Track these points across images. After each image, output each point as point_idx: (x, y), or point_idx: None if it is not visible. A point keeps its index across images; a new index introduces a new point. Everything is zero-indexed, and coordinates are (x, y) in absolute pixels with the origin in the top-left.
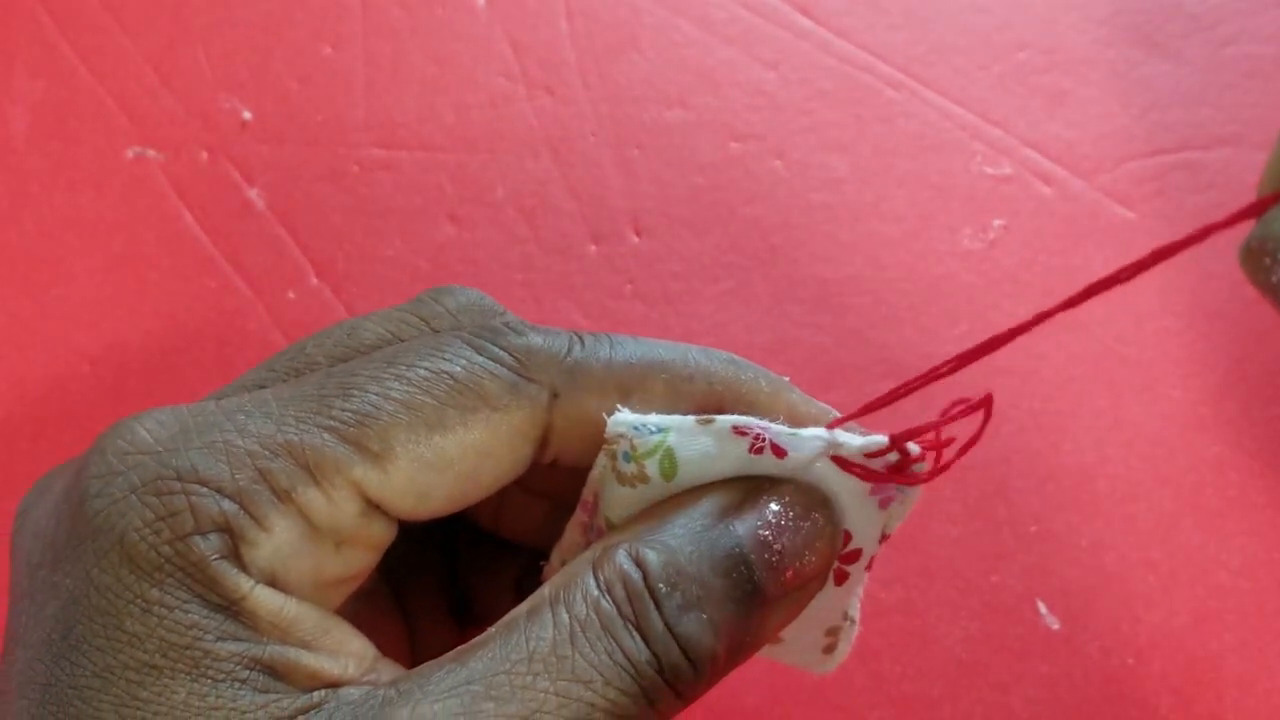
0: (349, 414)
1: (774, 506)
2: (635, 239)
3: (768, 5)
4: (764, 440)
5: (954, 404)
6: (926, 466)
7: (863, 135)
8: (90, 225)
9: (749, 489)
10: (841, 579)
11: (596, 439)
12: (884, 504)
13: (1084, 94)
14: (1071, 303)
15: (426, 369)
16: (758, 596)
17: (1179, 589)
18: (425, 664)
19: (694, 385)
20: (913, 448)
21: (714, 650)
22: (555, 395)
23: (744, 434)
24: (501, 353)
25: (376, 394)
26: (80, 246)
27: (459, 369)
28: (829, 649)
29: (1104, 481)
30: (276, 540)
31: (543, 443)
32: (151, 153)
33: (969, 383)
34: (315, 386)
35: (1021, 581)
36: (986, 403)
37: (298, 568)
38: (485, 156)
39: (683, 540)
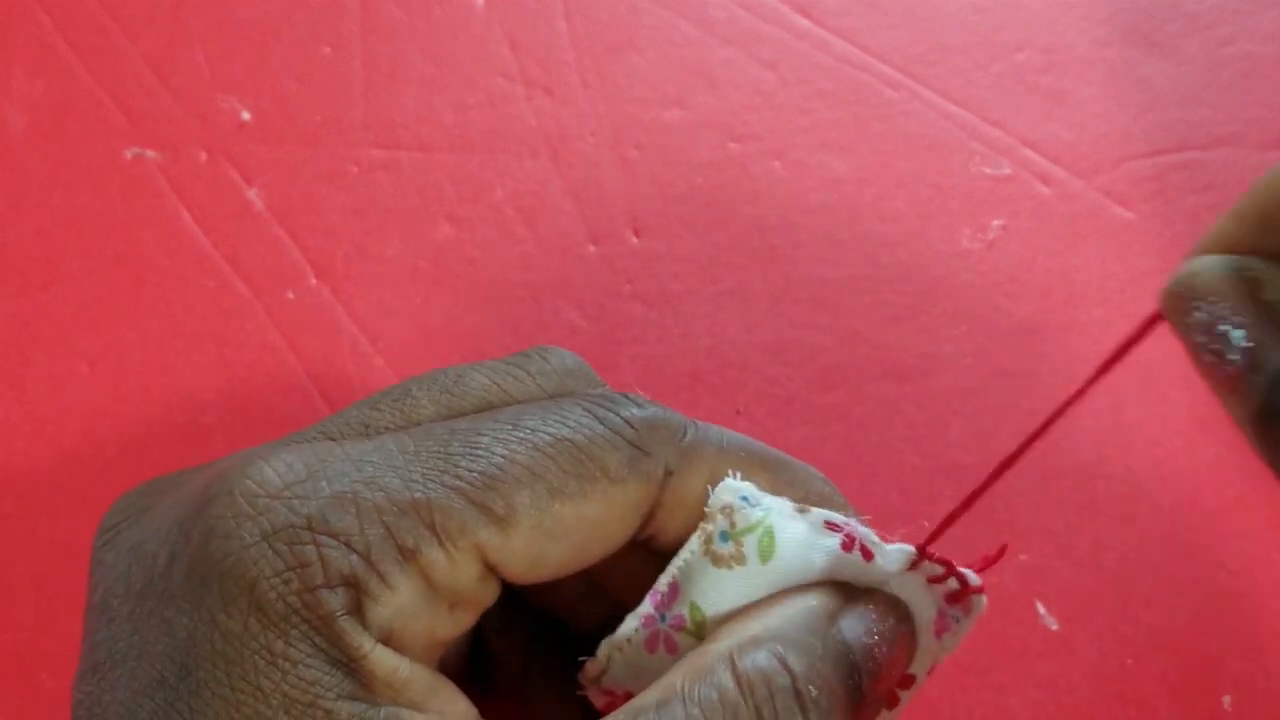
0: (475, 475)
1: (872, 613)
2: (634, 239)
3: (766, 5)
4: (854, 540)
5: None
6: (985, 600)
7: (861, 135)
8: (88, 225)
9: (848, 592)
10: (893, 703)
11: (694, 522)
12: (939, 632)
13: (1083, 94)
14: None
15: (550, 435)
16: (861, 703)
17: (1178, 590)
18: None
19: (793, 490)
20: (973, 577)
21: None
22: (669, 473)
23: (836, 530)
24: (623, 424)
25: (503, 456)
26: (78, 246)
27: (582, 438)
28: None
29: (1103, 482)
30: (400, 599)
31: (649, 517)
32: (150, 153)
33: (973, 388)
34: (441, 443)
35: (1020, 582)
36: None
37: (414, 628)
38: (484, 156)
39: (811, 641)
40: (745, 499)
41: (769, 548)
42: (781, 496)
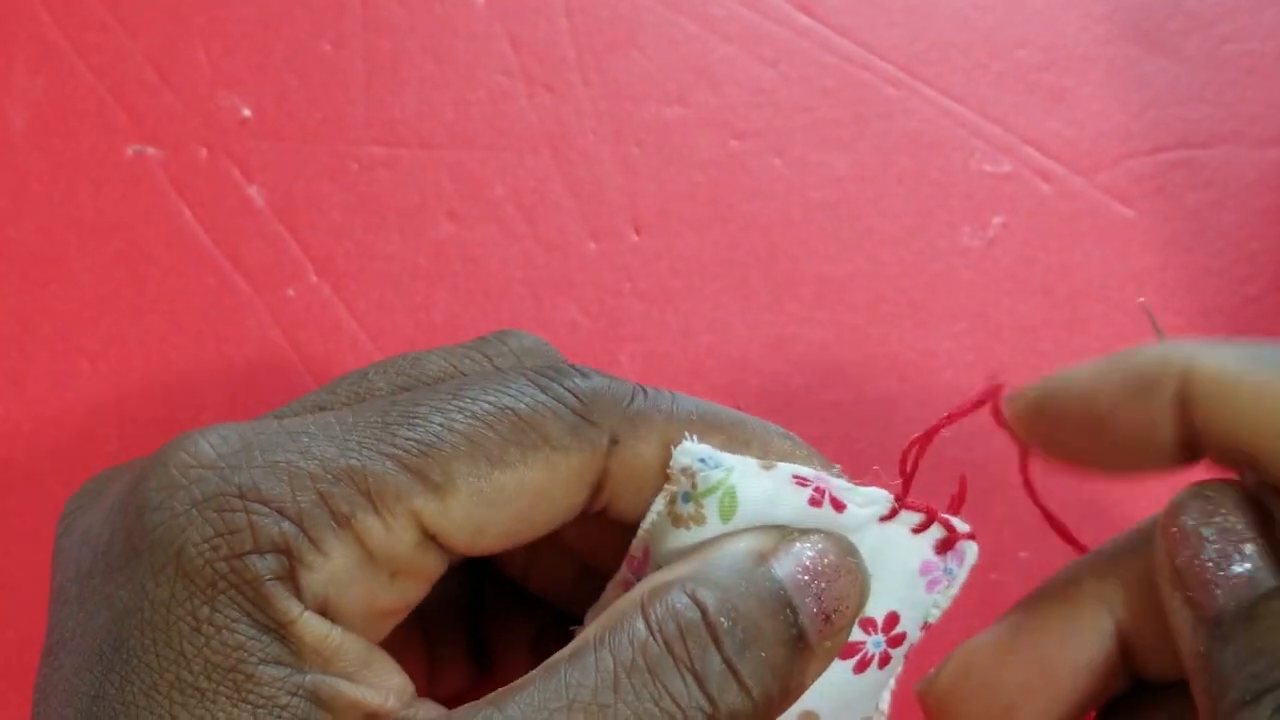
0: (412, 443)
1: (809, 551)
2: (634, 236)
3: (768, 3)
4: (824, 493)
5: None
6: (977, 548)
7: (862, 133)
8: (89, 222)
9: (782, 533)
10: (885, 662)
11: (649, 490)
12: (931, 586)
13: (1083, 91)
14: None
15: (490, 403)
16: (802, 640)
17: None
18: (462, 707)
19: (750, 450)
20: (961, 525)
21: (772, 691)
22: (615, 442)
23: (804, 484)
24: (565, 393)
25: (440, 424)
26: (79, 244)
27: (523, 406)
28: None
29: (1105, 482)
30: (333, 565)
31: (597, 488)
32: (151, 150)
33: (973, 385)
34: (379, 413)
35: (1021, 580)
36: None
37: (350, 595)
38: (484, 153)
39: (732, 579)
40: (703, 460)
41: (730, 507)
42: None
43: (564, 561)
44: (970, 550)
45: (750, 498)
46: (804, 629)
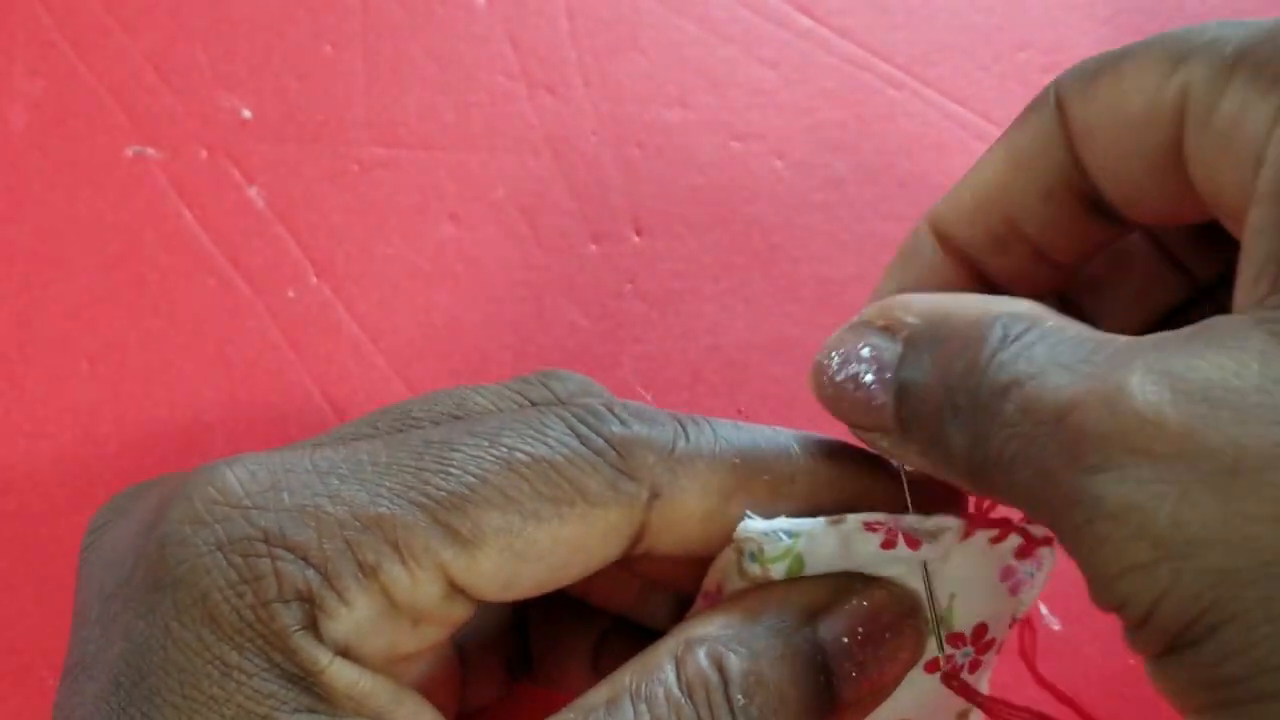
0: (444, 493)
1: (864, 608)
2: (635, 238)
3: (768, 4)
4: (896, 534)
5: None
6: (1054, 553)
7: (863, 134)
8: (89, 223)
9: (839, 586)
10: (974, 668)
11: (693, 535)
12: (1014, 590)
13: None
14: None
15: (527, 454)
16: (832, 705)
17: None
18: None
19: (796, 485)
20: (1037, 531)
21: None
22: (655, 495)
23: (876, 529)
24: (604, 445)
25: (474, 475)
26: (79, 245)
27: (559, 458)
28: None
29: None
30: (356, 615)
31: (636, 538)
32: (151, 151)
33: None
34: (413, 455)
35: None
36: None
37: (374, 642)
38: (485, 155)
39: (766, 644)
40: (767, 535)
41: (797, 570)
42: (781, 505)
43: (628, 580)
44: (1048, 556)
45: (818, 560)
46: (836, 693)
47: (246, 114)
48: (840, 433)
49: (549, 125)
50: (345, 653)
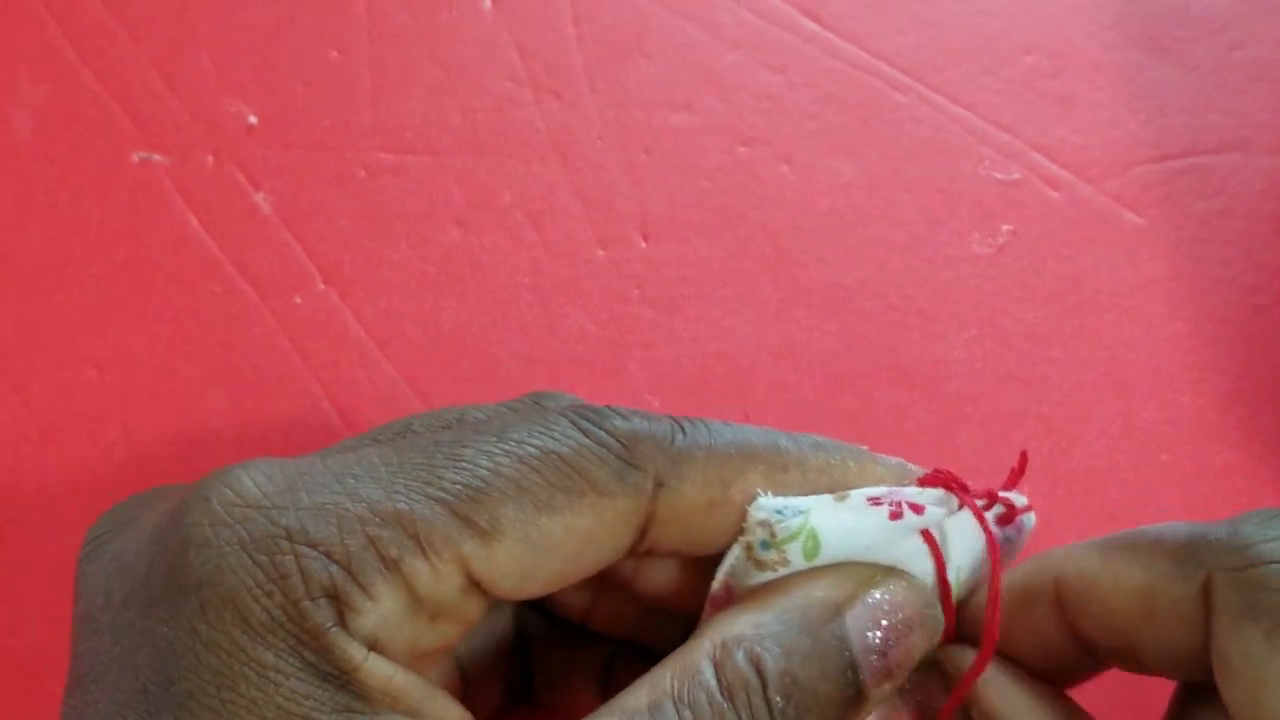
0: (459, 487)
1: (886, 602)
2: (642, 244)
3: (774, 9)
4: (900, 505)
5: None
6: (1034, 516)
7: (870, 139)
8: (95, 230)
9: (861, 578)
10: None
11: (695, 528)
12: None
13: (1092, 99)
14: None
15: (536, 447)
16: (859, 697)
17: None
18: None
19: (789, 475)
20: (1019, 499)
21: None
22: (660, 485)
23: (879, 503)
24: (608, 438)
25: (487, 468)
26: (85, 251)
27: (568, 450)
28: None
29: (1114, 488)
30: (382, 610)
31: (642, 530)
32: (157, 157)
33: (982, 393)
34: (424, 454)
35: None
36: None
37: (397, 638)
38: (492, 160)
39: (796, 640)
40: (780, 512)
41: (814, 549)
42: (806, 493)
43: (627, 604)
44: (1029, 519)
45: (832, 534)
46: (862, 685)
47: (252, 120)
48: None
49: (555, 130)
50: (374, 649)
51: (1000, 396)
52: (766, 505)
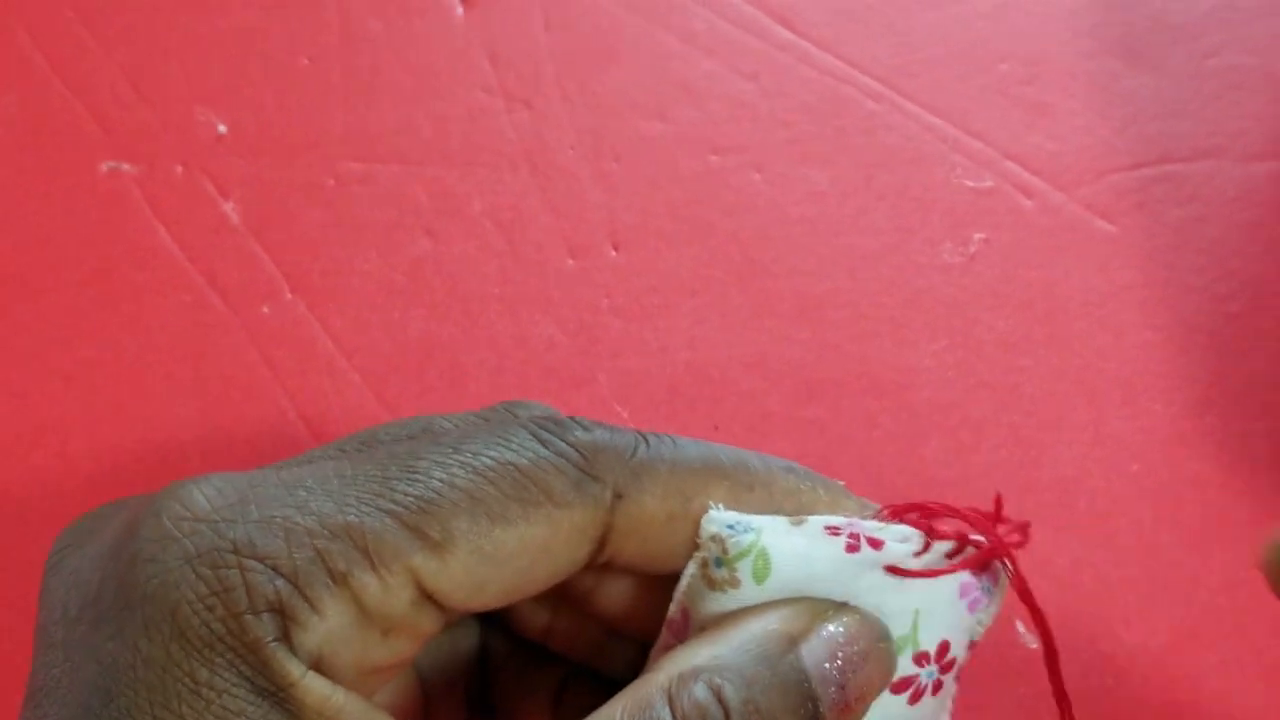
0: (411, 499)
1: (840, 634)
2: (613, 253)
3: (748, 17)
4: (858, 537)
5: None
6: (1009, 566)
7: (843, 148)
8: (63, 239)
9: (815, 612)
10: (938, 689)
11: (654, 542)
12: (972, 607)
13: (1065, 106)
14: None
15: (492, 458)
16: None
17: (1158, 607)
18: None
19: (754, 494)
20: (984, 542)
21: None
22: (619, 496)
23: (837, 533)
24: (567, 448)
25: (441, 480)
26: (52, 261)
27: (525, 461)
28: None
29: (1084, 498)
30: (328, 624)
31: (600, 542)
32: (125, 166)
33: (953, 402)
34: (379, 466)
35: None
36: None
37: (345, 653)
38: (462, 169)
39: (757, 669)
40: (732, 527)
41: (764, 569)
42: (769, 514)
43: (586, 624)
44: (1002, 573)
45: (783, 557)
46: (822, 718)
47: (222, 129)
48: (812, 461)
49: (527, 139)
50: (318, 665)
51: (971, 405)
52: (718, 519)
